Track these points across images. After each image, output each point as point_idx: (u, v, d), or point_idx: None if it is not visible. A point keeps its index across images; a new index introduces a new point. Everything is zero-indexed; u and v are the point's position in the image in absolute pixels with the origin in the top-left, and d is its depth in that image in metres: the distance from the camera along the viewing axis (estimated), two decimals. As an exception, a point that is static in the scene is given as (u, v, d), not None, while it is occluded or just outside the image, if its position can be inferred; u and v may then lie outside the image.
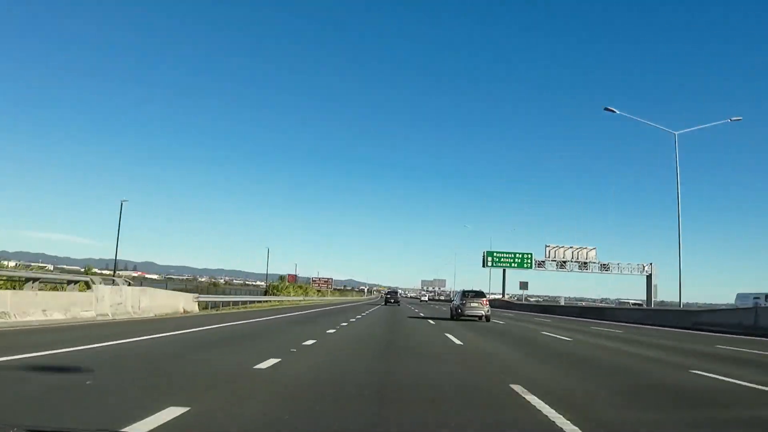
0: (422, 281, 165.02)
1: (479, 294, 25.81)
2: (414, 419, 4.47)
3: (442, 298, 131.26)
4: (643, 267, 68.34)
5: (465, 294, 25.72)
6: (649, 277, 66.81)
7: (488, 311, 24.76)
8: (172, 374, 6.35)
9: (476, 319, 24.85)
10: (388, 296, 64.13)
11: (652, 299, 65.04)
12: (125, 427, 3.56)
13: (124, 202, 47.85)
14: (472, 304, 24.69)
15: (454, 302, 26.73)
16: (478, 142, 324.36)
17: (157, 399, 4.46)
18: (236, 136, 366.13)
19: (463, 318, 24.66)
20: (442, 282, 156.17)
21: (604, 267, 70.00)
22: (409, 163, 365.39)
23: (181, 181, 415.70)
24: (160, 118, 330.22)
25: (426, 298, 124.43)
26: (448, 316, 27.43)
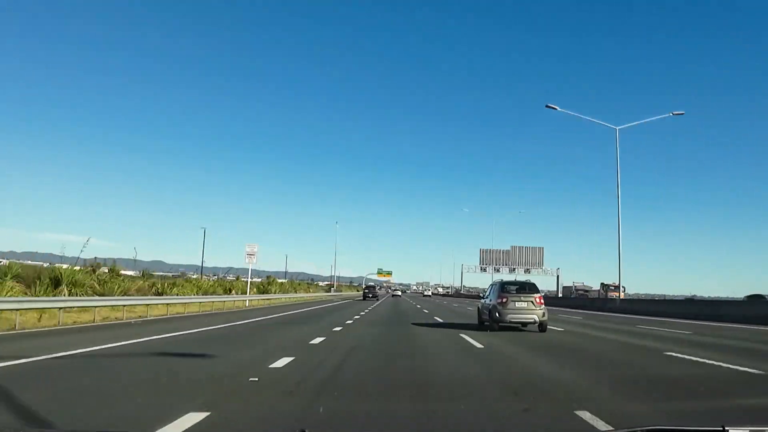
0: (481, 249, 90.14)
1: (528, 287, 16.39)
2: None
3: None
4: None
5: (505, 288, 16.18)
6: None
7: (544, 315, 15.49)
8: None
9: (521, 326, 15.89)
10: (366, 291, 65.94)
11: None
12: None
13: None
14: (518, 304, 15.48)
15: (486, 301, 17.00)
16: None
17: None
18: (238, 135, 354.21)
19: (503, 325, 15.53)
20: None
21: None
22: (417, 156, 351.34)
23: (182, 180, 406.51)
24: (160, 117, 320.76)
25: (429, 293, 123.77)
26: (474, 322, 18.30)
